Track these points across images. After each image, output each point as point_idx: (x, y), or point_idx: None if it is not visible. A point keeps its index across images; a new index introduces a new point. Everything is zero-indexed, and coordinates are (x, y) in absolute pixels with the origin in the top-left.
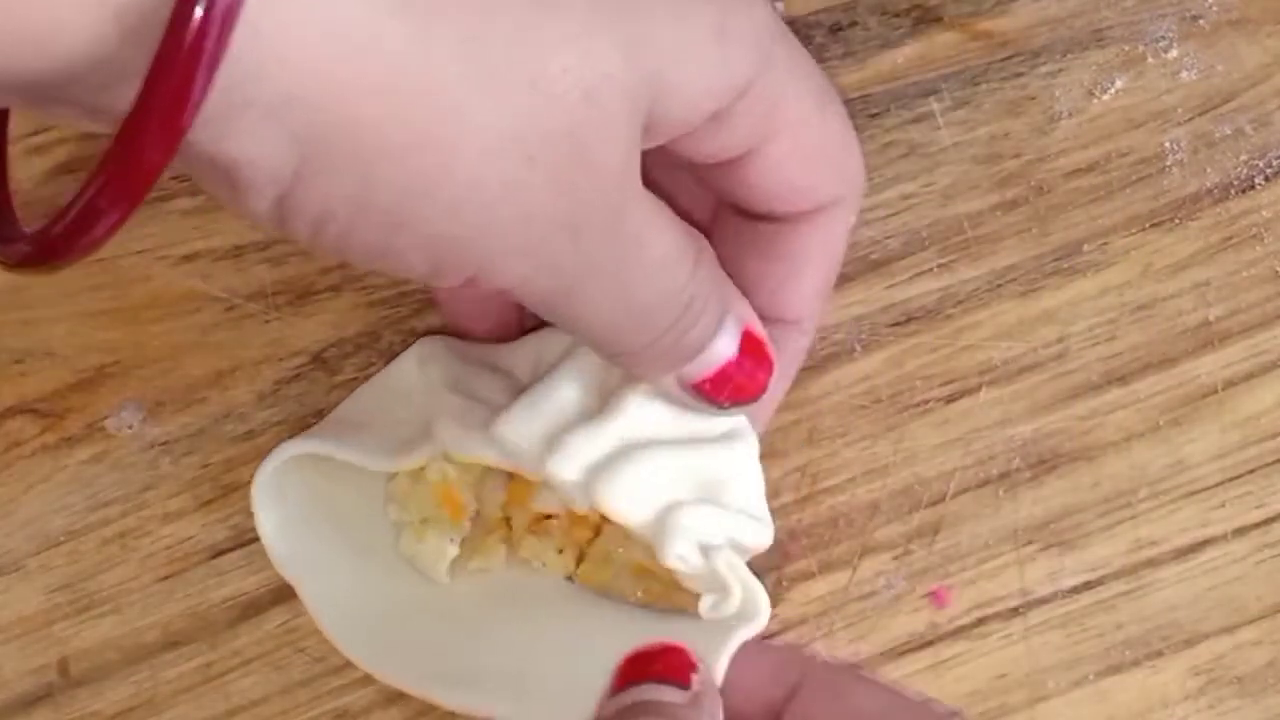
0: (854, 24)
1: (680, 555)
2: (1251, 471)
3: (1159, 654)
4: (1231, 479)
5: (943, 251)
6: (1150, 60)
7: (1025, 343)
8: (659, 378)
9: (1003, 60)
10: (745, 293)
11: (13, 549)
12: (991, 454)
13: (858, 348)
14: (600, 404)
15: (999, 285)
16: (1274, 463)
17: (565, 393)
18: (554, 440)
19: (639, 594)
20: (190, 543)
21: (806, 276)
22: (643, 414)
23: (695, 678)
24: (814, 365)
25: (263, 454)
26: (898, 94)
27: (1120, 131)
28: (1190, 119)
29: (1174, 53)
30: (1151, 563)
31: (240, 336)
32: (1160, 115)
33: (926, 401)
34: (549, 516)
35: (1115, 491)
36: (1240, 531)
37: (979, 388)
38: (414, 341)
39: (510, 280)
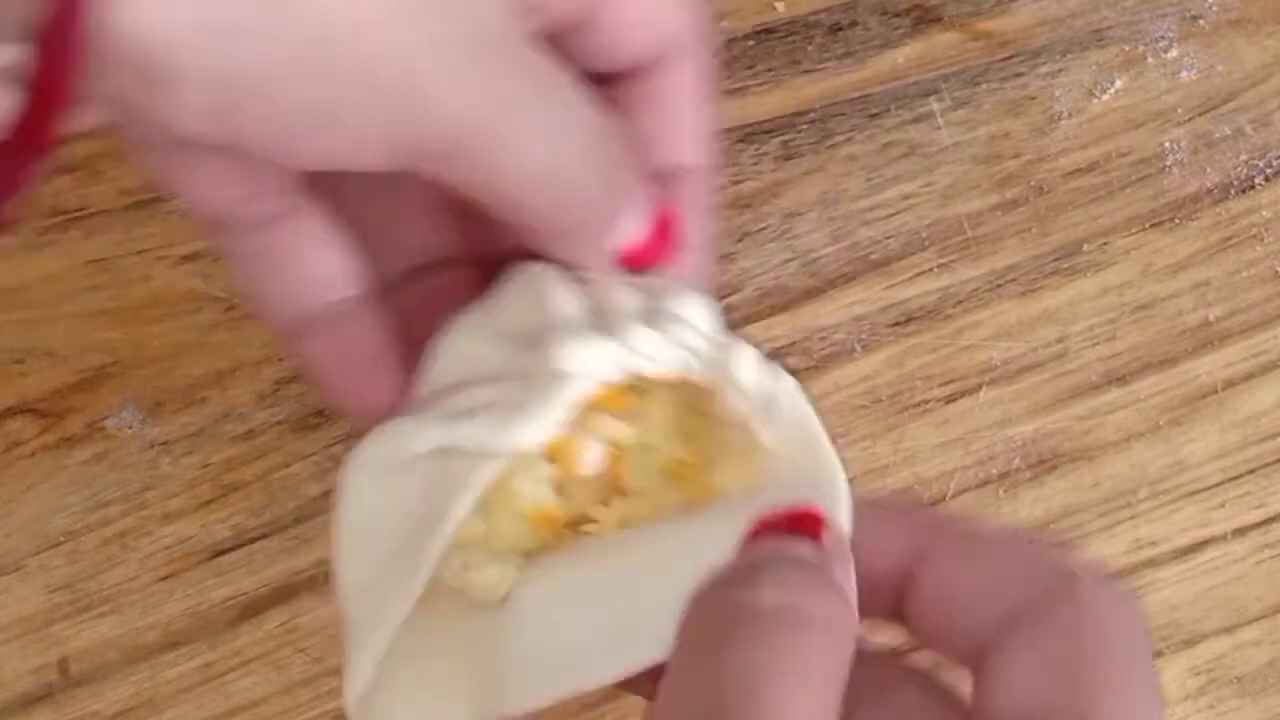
0: (854, 24)
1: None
2: (1251, 471)
3: (1159, 654)
4: (1231, 479)
5: (943, 251)
6: (1150, 60)
7: (1025, 343)
8: (596, 249)
9: (1003, 60)
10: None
11: (13, 549)
12: (991, 454)
13: (858, 348)
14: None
15: (999, 285)
16: (1274, 463)
17: (628, 300)
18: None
19: (678, 505)
20: (190, 543)
21: (683, 118)
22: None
23: (827, 534)
24: (814, 365)
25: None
26: (898, 94)
27: (1120, 131)
28: (1190, 119)
29: (1174, 53)
30: (1151, 563)
31: (240, 336)
32: (1160, 115)
33: (926, 401)
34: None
35: (1115, 491)
36: (1240, 531)
37: (979, 388)
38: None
39: (442, 123)
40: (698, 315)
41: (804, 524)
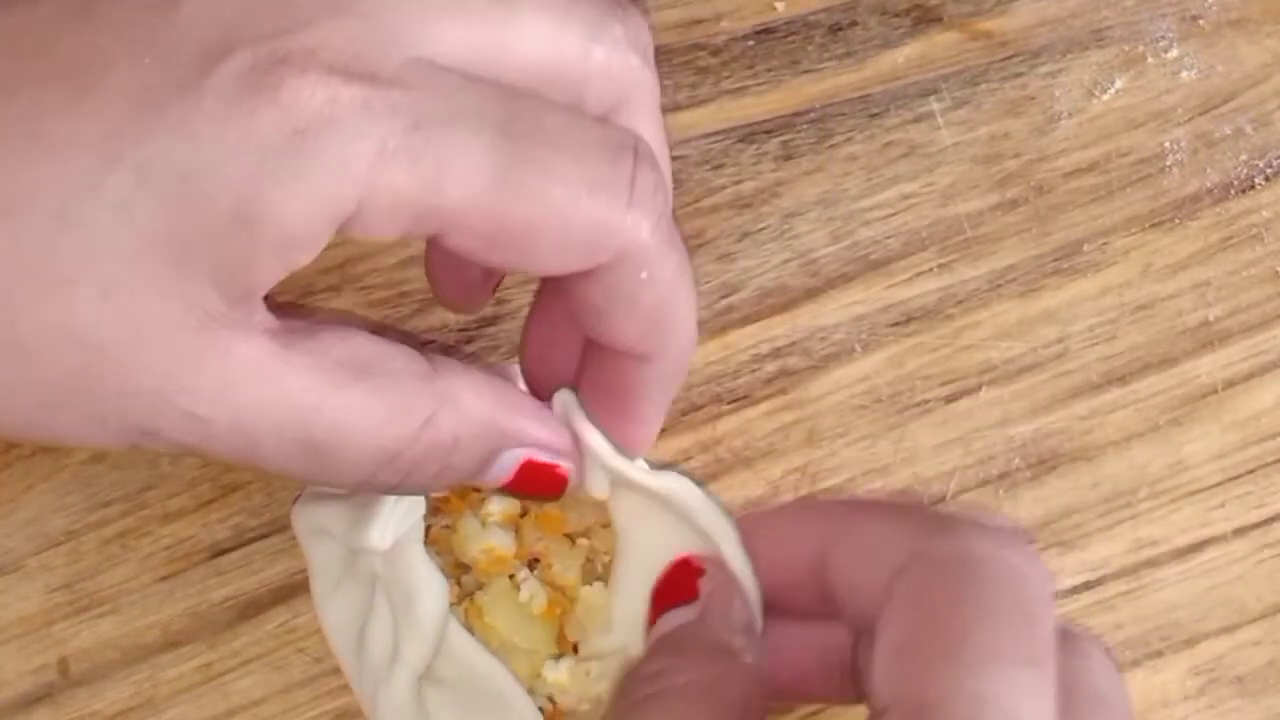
0: (854, 24)
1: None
2: (1251, 471)
3: (1159, 654)
4: (1231, 479)
5: (943, 251)
6: (1150, 60)
7: (1025, 343)
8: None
9: (1003, 60)
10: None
11: (13, 549)
12: (991, 454)
13: (858, 348)
14: None
15: (999, 285)
16: (1274, 463)
17: None
18: None
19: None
20: (190, 543)
21: (635, 309)
22: None
23: (701, 583)
24: (814, 365)
25: None
26: (898, 94)
27: (1120, 131)
28: (1190, 119)
29: (1174, 53)
30: (1151, 563)
31: None
32: (1160, 115)
33: (926, 401)
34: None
35: (1115, 491)
36: (1240, 531)
37: (979, 388)
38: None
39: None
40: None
41: (681, 579)
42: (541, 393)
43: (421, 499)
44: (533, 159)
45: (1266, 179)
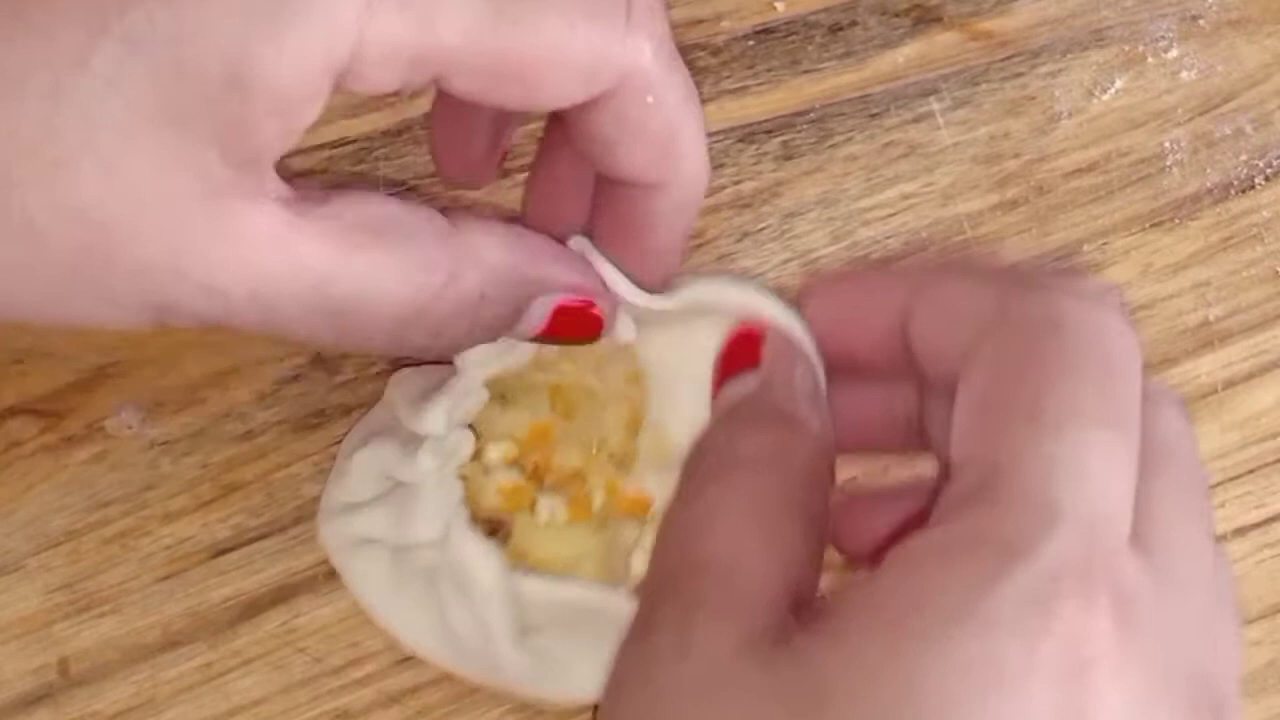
0: (854, 24)
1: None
2: (1251, 471)
3: None
4: (1231, 479)
5: (943, 252)
6: (1150, 60)
7: None
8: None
9: (1003, 60)
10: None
11: (13, 549)
12: None
13: None
14: None
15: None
16: (1274, 463)
17: None
18: None
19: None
20: (190, 543)
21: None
22: None
23: (766, 347)
24: None
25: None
26: (898, 94)
27: (1120, 131)
28: (1190, 119)
29: (1174, 53)
30: None
31: (240, 336)
32: (1160, 115)
33: None
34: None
35: None
36: (1240, 531)
37: None
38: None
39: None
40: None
41: (743, 349)
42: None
43: (458, 483)
44: None
45: (1266, 179)
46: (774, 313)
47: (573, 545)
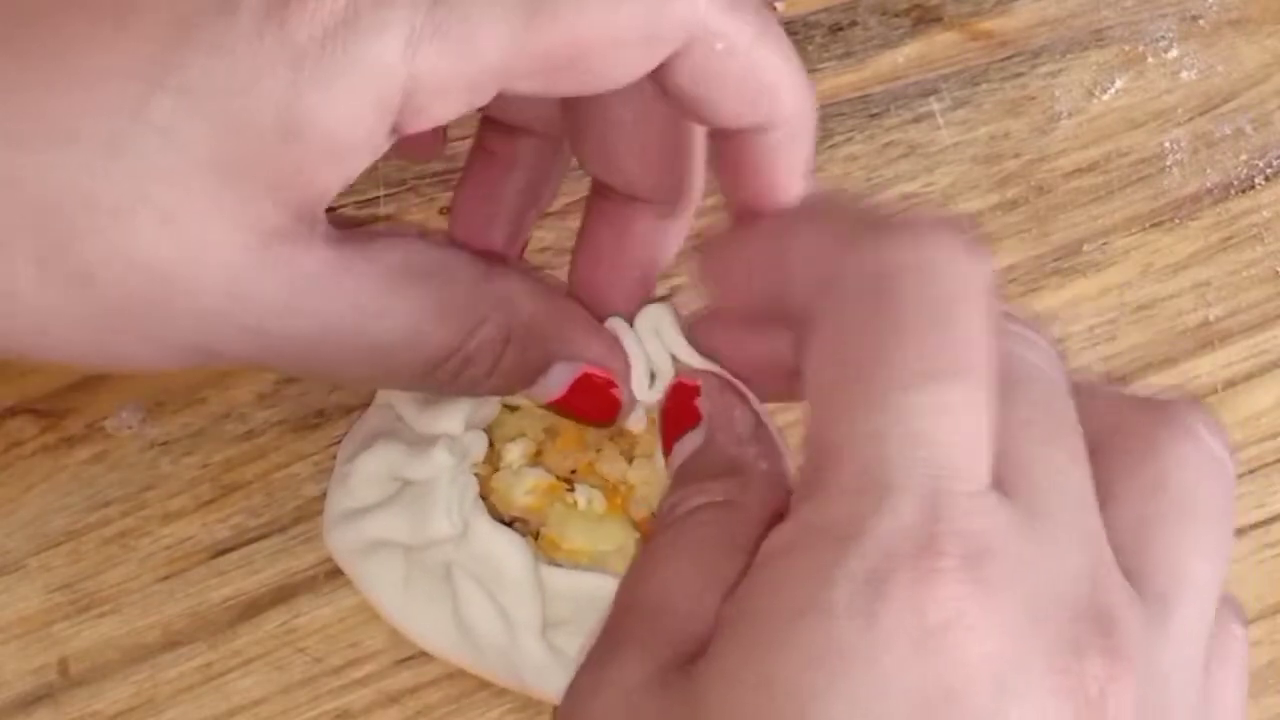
0: (854, 24)
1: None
2: (1251, 471)
3: None
4: None
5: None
6: (1150, 60)
7: None
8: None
9: (1003, 60)
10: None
11: (13, 549)
12: None
13: None
14: None
15: (999, 285)
16: (1274, 463)
17: None
18: None
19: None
20: (190, 543)
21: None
22: None
23: (698, 403)
24: None
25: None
26: (898, 94)
27: (1120, 131)
28: (1190, 119)
29: (1174, 53)
30: None
31: None
32: (1160, 115)
33: None
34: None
35: None
36: (1240, 531)
37: None
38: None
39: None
40: None
41: (681, 405)
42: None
43: (474, 479)
44: None
45: (1266, 179)
46: (685, 358)
47: (605, 538)
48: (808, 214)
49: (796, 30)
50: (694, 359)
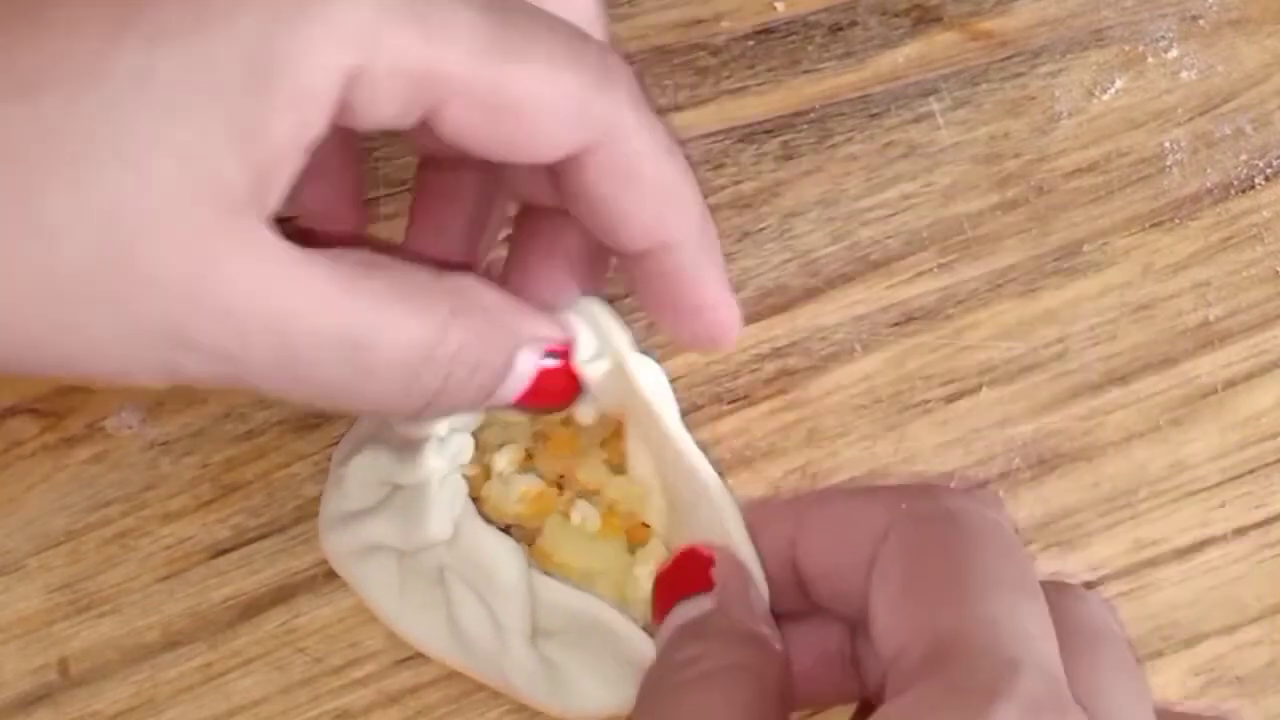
0: (854, 24)
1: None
2: (1251, 471)
3: (1159, 654)
4: (1231, 479)
5: (943, 251)
6: (1150, 60)
7: (1025, 343)
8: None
9: (1003, 60)
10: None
11: (13, 549)
12: (992, 454)
13: (858, 348)
14: None
15: (999, 285)
16: (1274, 463)
17: None
18: None
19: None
20: (190, 543)
21: (643, 190)
22: None
23: (713, 573)
24: (814, 365)
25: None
26: (898, 94)
27: (1120, 131)
28: (1190, 119)
29: (1174, 53)
30: (1152, 563)
31: None
32: (1160, 115)
33: (926, 401)
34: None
35: (1115, 491)
36: (1240, 531)
37: (979, 388)
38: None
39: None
40: None
41: (689, 570)
42: None
43: (464, 482)
44: (516, 25)
45: (1266, 179)
46: (735, 529)
47: (595, 558)
48: (824, 492)
49: (796, 30)
50: (629, 346)
